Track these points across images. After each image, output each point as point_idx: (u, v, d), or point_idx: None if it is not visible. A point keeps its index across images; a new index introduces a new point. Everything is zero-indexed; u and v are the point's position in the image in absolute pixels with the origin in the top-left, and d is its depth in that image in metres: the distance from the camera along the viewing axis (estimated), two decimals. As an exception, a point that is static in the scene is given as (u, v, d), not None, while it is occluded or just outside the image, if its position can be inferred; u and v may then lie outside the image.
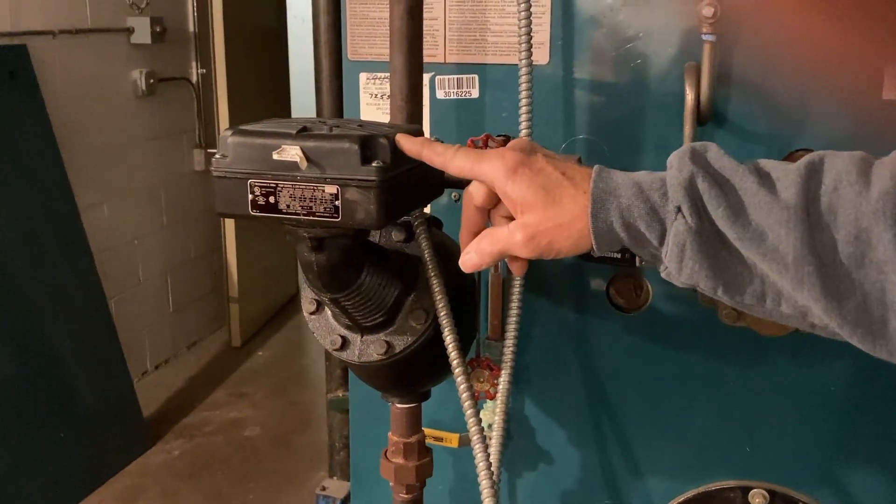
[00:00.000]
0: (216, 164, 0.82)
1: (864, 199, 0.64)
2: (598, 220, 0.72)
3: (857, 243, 0.63)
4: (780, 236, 0.65)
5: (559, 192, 0.74)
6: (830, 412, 1.15)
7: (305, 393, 3.89)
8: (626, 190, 0.71)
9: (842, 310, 0.64)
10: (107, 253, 3.54)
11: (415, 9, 1.03)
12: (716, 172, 0.69)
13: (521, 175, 0.75)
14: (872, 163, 0.66)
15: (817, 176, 0.66)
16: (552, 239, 0.75)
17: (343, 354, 0.97)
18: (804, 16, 1.06)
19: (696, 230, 0.68)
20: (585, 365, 1.23)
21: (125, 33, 3.69)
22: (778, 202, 0.66)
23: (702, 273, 0.68)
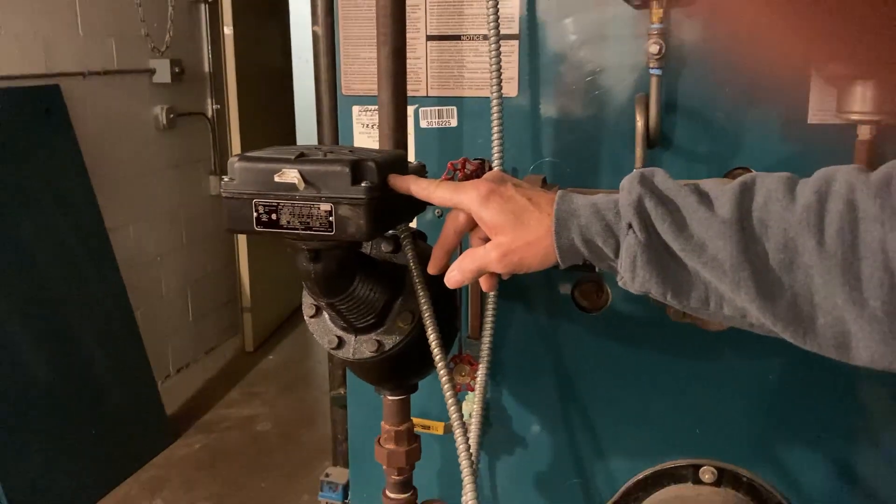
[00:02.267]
0: (225, 186, 0.83)
1: (790, 213, 0.65)
2: (562, 237, 0.74)
3: (786, 251, 0.65)
4: (719, 247, 0.67)
5: (527, 215, 0.77)
6: (769, 397, 1.16)
7: (311, 391, 3.89)
8: (585, 211, 0.74)
9: (775, 309, 0.65)
10: (133, 269, 3.54)
11: (399, 50, 1.05)
12: (661, 193, 0.71)
13: (493, 202, 0.78)
14: (797, 182, 0.68)
15: (749, 194, 0.68)
16: (522, 256, 0.78)
17: (339, 353, 0.98)
18: (739, 51, 1.08)
19: (645, 244, 0.70)
20: (555, 359, 1.24)
21: (148, 74, 3.70)
22: (715, 217, 0.68)
23: (652, 281, 0.70)
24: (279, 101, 4.69)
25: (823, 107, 1.06)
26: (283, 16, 4.80)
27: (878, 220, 0.61)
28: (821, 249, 0.63)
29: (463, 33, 1.17)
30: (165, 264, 3.91)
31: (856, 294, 0.62)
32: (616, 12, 1.10)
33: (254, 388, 3.93)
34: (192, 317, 4.16)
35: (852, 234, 0.62)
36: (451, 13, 1.17)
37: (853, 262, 0.62)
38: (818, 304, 0.64)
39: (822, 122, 1.06)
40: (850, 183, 0.64)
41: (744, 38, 1.06)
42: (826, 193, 0.65)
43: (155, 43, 3.70)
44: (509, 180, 0.82)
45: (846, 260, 0.62)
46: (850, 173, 0.65)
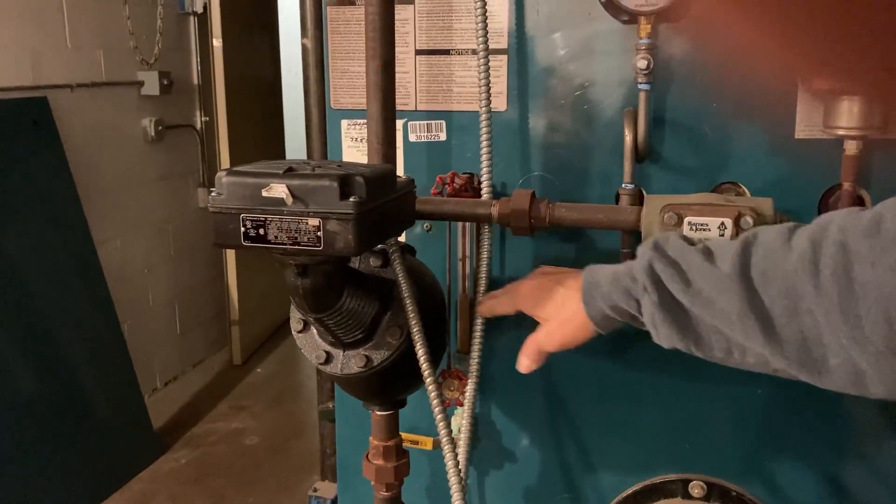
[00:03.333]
0: (213, 201, 0.83)
1: (787, 261, 0.69)
2: (590, 307, 0.85)
3: (788, 297, 0.68)
4: (724, 300, 0.71)
5: (559, 298, 0.91)
6: (758, 411, 1.16)
7: (299, 405, 3.86)
8: (606, 280, 0.83)
9: (785, 353, 0.69)
10: (120, 281, 3.51)
11: (388, 65, 1.05)
12: (669, 256, 0.77)
13: (534, 298, 0.95)
14: (795, 231, 0.71)
15: (750, 248, 0.72)
16: (563, 332, 0.91)
17: (327, 368, 0.97)
18: (726, 66, 1.09)
19: (659, 303, 0.76)
20: (544, 374, 1.23)
21: (136, 86, 3.69)
22: (718, 272, 0.72)
23: (673, 336, 0.77)
24: (268, 114, 4.69)
25: (810, 122, 1.06)
26: (272, 28, 4.80)
27: (869, 259, 0.63)
28: (818, 292, 0.65)
29: (452, 48, 1.17)
30: (153, 277, 3.89)
31: (857, 332, 0.63)
32: (604, 27, 1.10)
33: (241, 402, 3.91)
34: (180, 330, 4.13)
35: (846, 276, 0.64)
36: (440, 28, 1.17)
37: (850, 302, 0.64)
38: (827, 344, 0.66)
39: (810, 136, 1.07)
40: (842, 226, 0.66)
41: (731, 53, 1.07)
42: (820, 239, 0.67)
43: (143, 55, 3.69)
44: (548, 272, 0.98)
45: (843, 301, 0.64)
46: (844, 217, 0.67)
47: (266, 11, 4.72)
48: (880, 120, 0.98)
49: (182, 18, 4.04)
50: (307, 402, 3.80)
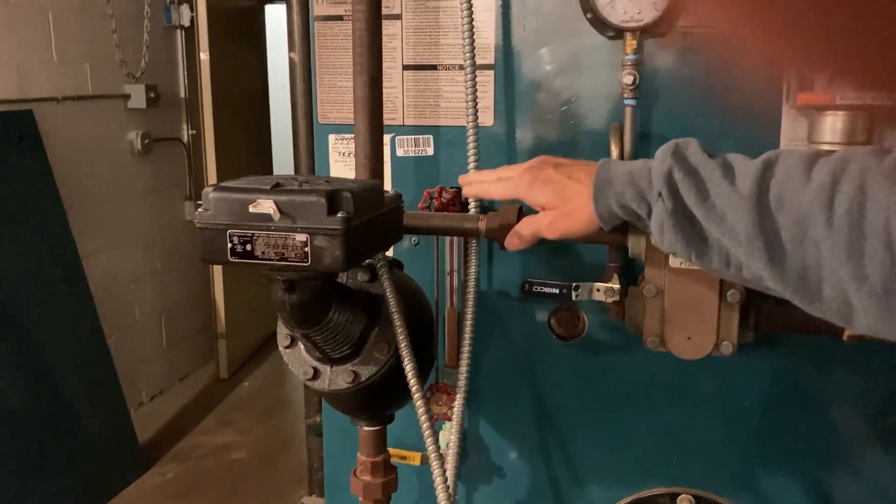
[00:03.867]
0: (199, 217, 0.82)
1: (805, 191, 0.70)
2: (600, 204, 0.83)
3: (798, 226, 0.69)
4: (736, 218, 0.72)
5: (567, 190, 0.88)
6: (746, 424, 1.16)
7: (287, 419, 3.84)
8: (621, 178, 0.82)
9: (784, 277, 0.70)
10: (106, 295, 3.49)
11: (376, 80, 1.05)
12: (690, 165, 0.77)
13: (537, 187, 0.90)
14: (817, 160, 0.72)
15: (770, 170, 0.73)
16: (567, 223, 0.88)
17: (315, 384, 0.97)
18: (711, 81, 1.09)
19: (671, 211, 0.76)
20: (532, 388, 1.23)
21: (122, 99, 3.68)
22: (736, 191, 0.73)
23: (677, 244, 0.77)
24: (255, 126, 4.68)
25: (794, 137, 1.07)
26: (259, 41, 4.80)
27: (886, 203, 0.65)
28: (829, 227, 0.67)
29: (439, 63, 1.17)
30: (139, 290, 3.87)
31: (858, 271, 0.65)
32: (590, 43, 1.11)
33: (228, 416, 3.88)
34: (166, 343, 4.11)
35: (860, 215, 0.66)
36: (427, 43, 1.17)
37: (858, 241, 0.66)
38: (825, 276, 0.68)
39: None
40: (864, 165, 0.68)
41: (716, 68, 1.08)
42: (840, 175, 0.68)
43: (130, 69, 3.69)
44: (550, 162, 0.92)
45: (852, 238, 0.66)
46: (865, 157, 0.69)
47: (253, 25, 4.72)
48: (863, 135, 0.99)
49: (169, 32, 4.04)
50: (294, 416, 3.77)
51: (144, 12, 3.76)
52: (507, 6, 1.14)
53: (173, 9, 3.98)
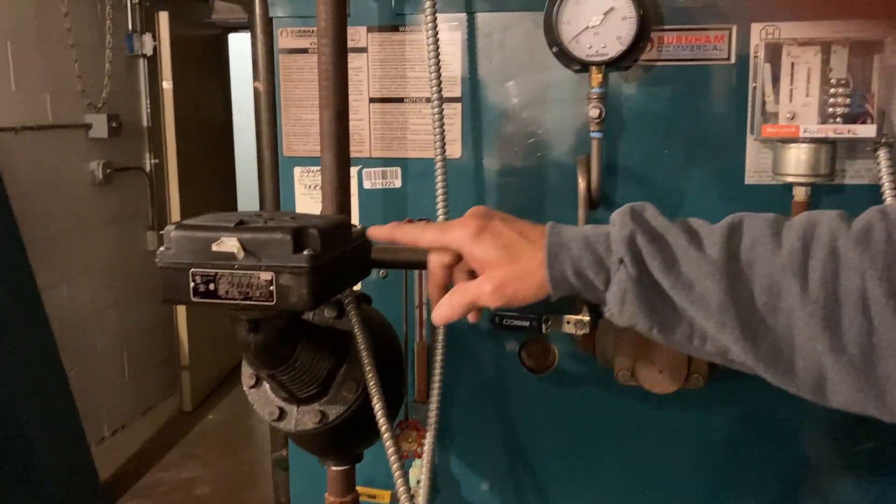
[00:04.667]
0: (161, 256, 0.80)
1: (776, 257, 0.67)
2: (553, 269, 0.74)
3: (770, 294, 0.66)
4: (706, 287, 0.68)
5: (518, 249, 0.77)
6: (717, 456, 1.16)
7: (252, 452, 3.76)
8: (576, 243, 0.74)
9: (757, 350, 0.66)
10: (67, 328, 3.40)
11: (342, 113, 1.04)
12: (653, 230, 0.72)
13: (484, 238, 0.78)
14: (783, 224, 0.69)
15: (737, 235, 0.69)
16: (516, 288, 0.77)
17: (281, 424, 0.94)
18: (675, 117, 1.10)
19: (635, 279, 0.70)
20: (503, 421, 1.22)
21: (84, 129, 3.62)
22: (705, 257, 0.69)
23: (640, 316, 0.71)
24: (219, 156, 4.64)
25: (759, 168, 1.08)
26: (223, 70, 4.77)
27: (859, 269, 0.63)
28: (804, 295, 0.64)
29: (406, 95, 1.16)
30: (101, 322, 3.78)
31: (835, 340, 0.63)
32: (556, 76, 1.11)
33: (193, 450, 3.79)
34: (129, 376, 4.01)
35: (834, 282, 0.64)
36: (393, 76, 1.16)
37: (834, 309, 0.63)
38: (798, 346, 0.65)
39: (759, 182, 1.08)
40: (833, 230, 0.66)
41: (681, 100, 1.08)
42: (810, 240, 0.66)
43: (91, 98, 3.63)
44: (496, 215, 0.82)
45: (828, 307, 0.64)
46: (832, 220, 0.67)
47: (217, 54, 4.70)
48: (827, 167, 1.00)
49: (131, 61, 4.00)
50: (260, 450, 3.70)
51: (106, 42, 3.72)
52: (472, 40, 1.13)
53: (135, 38, 3.94)
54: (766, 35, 1.05)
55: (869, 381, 0.63)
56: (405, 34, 1.15)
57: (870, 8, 1.03)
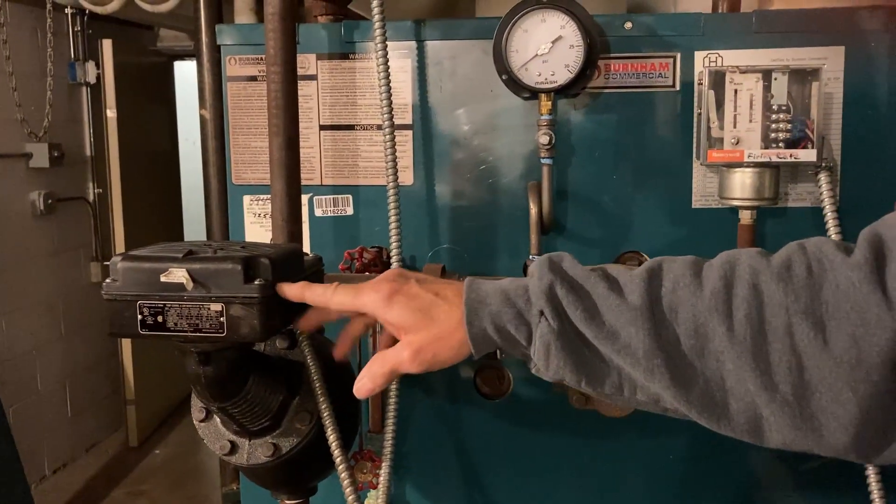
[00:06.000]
0: (107, 288, 0.77)
1: (698, 298, 0.65)
2: (473, 326, 0.72)
3: (697, 337, 0.65)
4: (631, 334, 0.66)
5: (435, 310, 0.74)
6: (672, 477, 1.16)
7: (202, 487, 3.67)
8: (495, 298, 0.72)
9: (689, 396, 0.65)
10: (5, 364, 3.29)
11: (292, 140, 1.03)
12: (571, 279, 0.70)
13: (398, 302, 0.75)
14: (703, 265, 0.68)
15: (657, 279, 0.68)
16: (435, 352, 0.74)
17: (232, 458, 0.91)
18: (622, 142, 1.12)
19: (558, 331, 0.68)
20: (459, 449, 1.20)
21: (24, 158, 3.53)
22: (626, 304, 0.67)
23: (566, 368, 0.69)
24: (165, 184, 4.56)
25: (705, 192, 1.10)
26: (169, 98, 4.71)
27: (783, 304, 0.63)
28: (731, 335, 0.63)
29: (357, 123, 1.16)
30: (42, 357, 3.66)
31: (766, 379, 0.62)
32: (506, 104, 1.12)
33: (139, 487, 3.68)
34: (71, 412, 3.89)
35: (759, 320, 0.63)
36: (343, 103, 1.16)
37: (762, 347, 0.63)
38: (730, 389, 0.64)
39: (706, 206, 1.10)
40: (754, 268, 0.65)
41: (628, 126, 1.10)
42: (731, 279, 0.65)
43: (32, 127, 3.55)
44: (411, 276, 0.79)
45: (755, 345, 0.63)
46: (752, 257, 0.67)
47: (163, 81, 4.64)
48: (771, 190, 1.03)
49: (74, 89, 3.92)
50: (210, 485, 3.61)
51: (47, 70, 3.64)
52: (423, 68, 1.14)
53: (78, 66, 3.87)
54: (708, 63, 1.08)
55: (804, 418, 0.62)
56: (355, 62, 1.15)
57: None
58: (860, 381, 0.60)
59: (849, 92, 1.06)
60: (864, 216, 1.06)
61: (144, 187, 4.19)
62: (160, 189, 4.48)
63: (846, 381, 0.61)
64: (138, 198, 4.09)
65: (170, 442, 4.19)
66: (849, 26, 1.05)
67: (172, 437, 4.25)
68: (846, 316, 0.61)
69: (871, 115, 1.06)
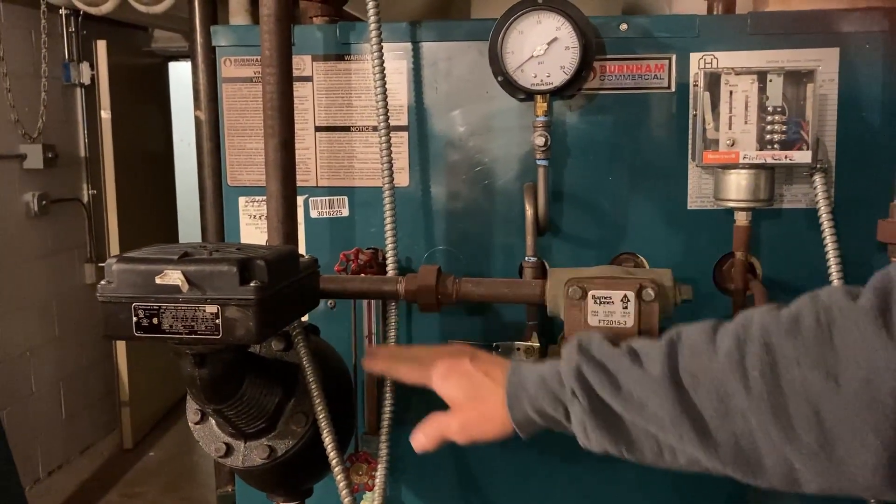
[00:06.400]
0: (102, 290, 0.77)
1: (714, 361, 0.68)
2: (515, 410, 0.79)
3: (719, 398, 0.67)
4: (656, 403, 0.70)
5: (483, 390, 0.83)
6: (667, 477, 1.16)
7: (196, 489, 3.66)
8: (533, 383, 0.78)
9: (722, 456, 0.68)
10: (0, 365, 3.28)
11: (288, 142, 1.03)
12: (597, 358, 0.75)
13: (452, 380, 0.86)
14: (719, 328, 0.71)
15: (676, 348, 0.71)
16: (481, 428, 0.83)
17: (228, 461, 0.91)
18: (621, 141, 1.12)
19: (589, 408, 0.73)
20: (454, 451, 1.20)
21: (18, 160, 3.52)
22: (648, 375, 0.71)
23: (606, 441, 0.73)
24: (160, 186, 4.55)
25: (701, 194, 1.10)
26: (163, 99, 4.70)
27: (795, 359, 0.64)
28: (749, 394, 0.65)
29: (352, 124, 1.16)
30: (36, 359, 3.64)
31: (790, 432, 0.64)
32: (502, 105, 1.12)
33: (134, 489, 3.67)
34: (66, 414, 3.87)
35: (774, 375, 0.65)
36: (339, 105, 1.16)
37: (780, 402, 0.64)
38: (760, 445, 0.66)
39: (701, 207, 1.11)
40: (764, 325, 0.67)
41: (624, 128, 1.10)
42: (744, 338, 0.67)
43: (26, 128, 3.53)
44: (468, 353, 0.88)
45: (774, 401, 0.64)
46: (764, 316, 0.68)
47: (157, 83, 4.63)
48: (766, 192, 1.03)
49: (68, 90, 3.91)
50: (205, 487, 3.60)
51: (42, 70, 3.63)
52: (418, 69, 1.14)
53: (72, 67, 3.85)
54: (704, 64, 1.08)
55: (833, 465, 0.63)
56: (350, 63, 1.15)
57: (801, 39, 1.06)
58: (881, 424, 0.61)
59: (843, 93, 1.06)
60: (858, 217, 1.07)
61: (139, 189, 4.18)
62: (155, 190, 4.47)
63: (867, 425, 0.61)
64: (133, 199, 4.07)
65: (165, 444, 4.18)
66: (843, 28, 1.06)
67: (167, 439, 4.24)
68: (856, 361, 0.62)
69: (865, 116, 1.07)
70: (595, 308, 0.93)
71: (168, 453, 4.07)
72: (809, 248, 1.06)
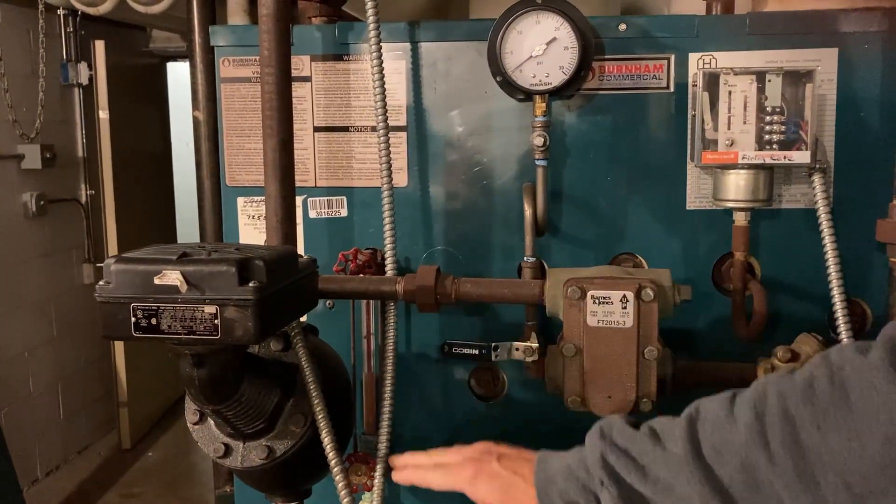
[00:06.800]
0: (100, 290, 0.77)
1: (735, 434, 0.68)
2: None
3: (745, 471, 0.67)
4: (683, 483, 0.69)
5: (513, 489, 0.84)
6: None
7: (195, 490, 3.65)
8: (560, 475, 0.79)
9: None
10: (-3, 366, 3.27)
11: (286, 142, 1.03)
12: (620, 446, 0.75)
13: (481, 481, 0.86)
14: (735, 400, 0.71)
15: (695, 425, 0.71)
16: None
17: (226, 461, 0.91)
18: (619, 141, 1.12)
19: (619, 496, 0.73)
20: (453, 451, 1.20)
21: (16, 160, 3.51)
22: (671, 455, 0.71)
23: None
24: (158, 186, 4.54)
25: (700, 194, 1.10)
26: (162, 99, 4.69)
27: (814, 423, 0.64)
28: (773, 463, 0.65)
29: (351, 124, 1.16)
30: (34, 359, 3.64)
31: (819, 498, 0.63)
32: (501, 105, 1.12)
33: (132, 489, 3.66)
34: (63, 414, 3.87)
35: (796, 443, 0.64)
36: (338, 105, 1.16)
37: (805, 469, 0.64)
38: None
39: (700, 208, 1.11)
40: (781, 392, 0.67)
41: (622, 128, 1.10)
42: (763, 408, 0.67)
43: (24, 129, 3.53)
44: (495, 452, 0.89)
45: (798, 467, 0.64)
46: (778, 382, 0.68)
47: (155, 83, 4.62)
48: (765, 192, 1.03)
49: (66, 90, 3.90)
50: (203, 487, 3.59)
51: (39, 71, 3.62)
52: (417, 69, 1.14)
53: (70, 67, 3.85)
54: (702, 64, 1.08)
55: None
56: (349, 63, 1.15)
57: (800, 39, 1.06)
58: None
59: (842, 94, 1.06)
60: (857, 217, 1.07)
61: (137, 189, 4.18)
62: (153, 191, 4.46)
63: (894, 484, 0.61)
64: (131, 199, 4.07)
65: (163, 444, 4.17)
66: (842, 28, 1.06)
67: (165, 439, 4.24)
68: (876, 417, 0.62)
69: (864, 116, 1.07)
70: (594, 308, 0.93)
71: (166, 453, 4.07)
72: (808, 248, 1.06)
